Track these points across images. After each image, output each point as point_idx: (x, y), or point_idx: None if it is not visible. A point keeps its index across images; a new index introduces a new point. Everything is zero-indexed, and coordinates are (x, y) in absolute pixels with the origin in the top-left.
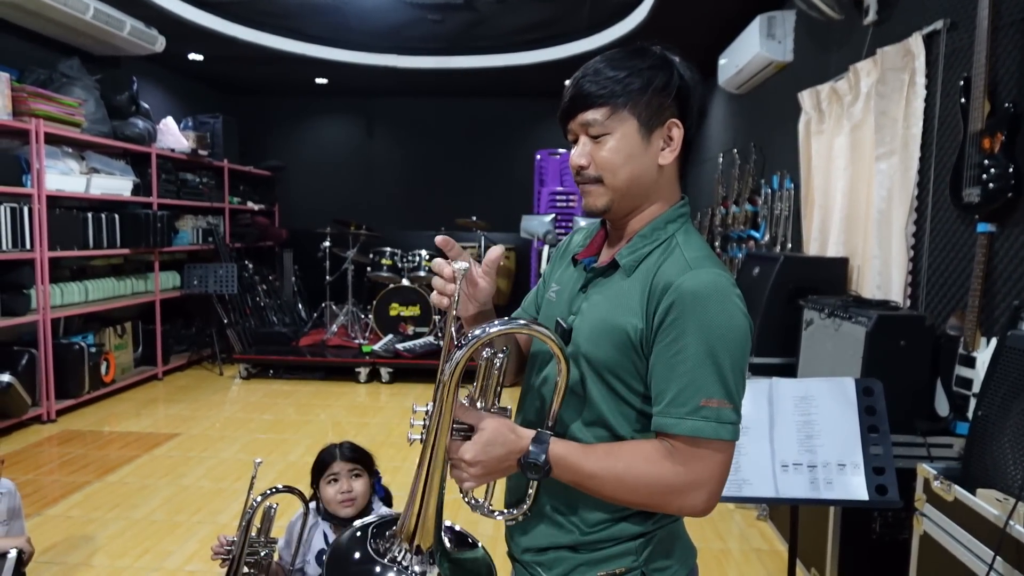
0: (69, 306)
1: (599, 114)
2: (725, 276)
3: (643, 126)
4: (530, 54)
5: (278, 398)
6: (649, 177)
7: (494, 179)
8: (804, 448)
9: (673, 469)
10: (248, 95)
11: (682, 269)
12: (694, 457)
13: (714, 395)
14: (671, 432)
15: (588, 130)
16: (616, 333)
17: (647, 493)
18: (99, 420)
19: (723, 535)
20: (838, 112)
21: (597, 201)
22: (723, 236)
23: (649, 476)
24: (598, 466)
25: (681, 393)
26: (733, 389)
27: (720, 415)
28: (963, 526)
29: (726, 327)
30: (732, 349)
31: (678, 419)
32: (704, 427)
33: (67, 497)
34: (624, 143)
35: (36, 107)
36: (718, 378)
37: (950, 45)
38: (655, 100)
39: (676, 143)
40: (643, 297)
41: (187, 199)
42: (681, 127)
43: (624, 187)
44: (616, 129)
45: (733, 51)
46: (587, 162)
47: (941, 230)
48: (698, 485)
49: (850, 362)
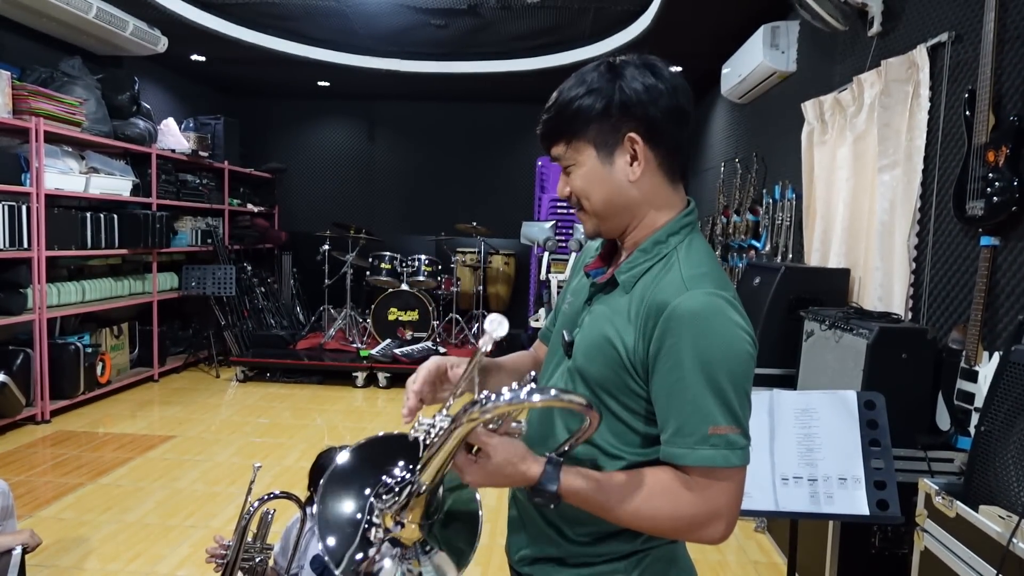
0: (66, 306)
1: (560, 149)
2: (722, 295)
3: (600, 150)
4: (533, 60)
5: (274, 401)
6: (624, 196)
7: (495, 185)
8: (805, 461)
9: (692, 501)
10: (250, 97)
11: (678, 289)
12: (709, 487)
13: (721, 422)
14: (681, 463)
15: (560, 163)
16: (607, 350)
17: (669, 527)
18: (94, 421)
19: (720, 547)
20: (841, 123)
21: (587, 226)
22: (724, 246)
23: (669, 510)
24: (613, 498)
25: (687, 422)
26: (739, 413)
27: (730, 441)
28: (965, 543)
29: (725, 350)
30: (733, 372)
31: (687, 449)
32: (715, 456)
33: (60, 499)
34: (587, 170)
35: (36, 106)
36: (722, 403)
37: (955, 57)
38: (602, 124)
39: (642, 156)
40: (637, 315)
41: (187, 200)
42: (640, 140)
43: (602, 210)
44: (577, 159)
45: (736, 61)
46: (567, 193)
47: (944, 243)
48: (717, 515)
49: (851, 374)
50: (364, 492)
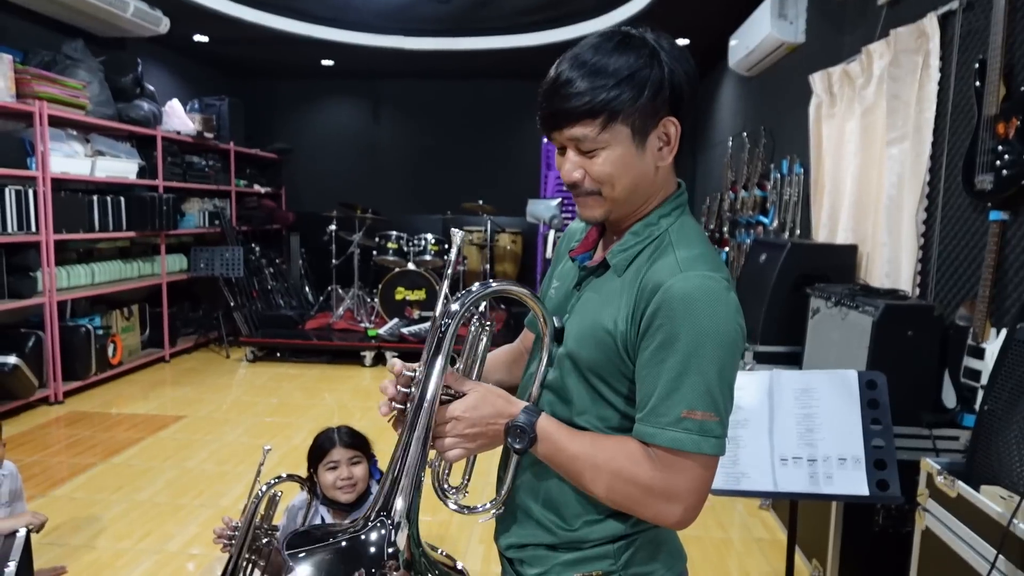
0: (75, 288)
1: (589, 129)
2: (717, 278)
3: (637, 133)
4: (537, 35)
5: (283, 381)
6: (647, 181)
7: (501, 162)
8: (804, 442)
9: (651, 473)
10: (254, 77)
11: (672, 271)
12: (673, 468)
13: (698, 406)
14: (650, 442)
15: (578, 145)
16: (601, 335)
17: (623, 492)
18: (106, 402)
19: (724, 525)
20: (850, 95)
21: (594, 212)
22: (731, 221)
23: (628, 473)
24: (582, 450)
25: (663, 402)
26: (720, 401)
27: (704, 427)
28: (966, 523)
29: (714, 336)
30: (721, 358)
31: (658, 428)
32: (684, 439)
33: (72, 479)
34: (618, 154)
35: (40, 89)
36: (704, 389)
37: (966, 26)
38: (648, 105)
39: (674, 141)
40: (630, 297)
41: (193, 182)
42: (677, 124)
43: (623, 197)
44: (609, 143)
45: (744, 32)
46: (581, 176)
47: (952, 217)
48: (673, 497)
49: (856, 352)
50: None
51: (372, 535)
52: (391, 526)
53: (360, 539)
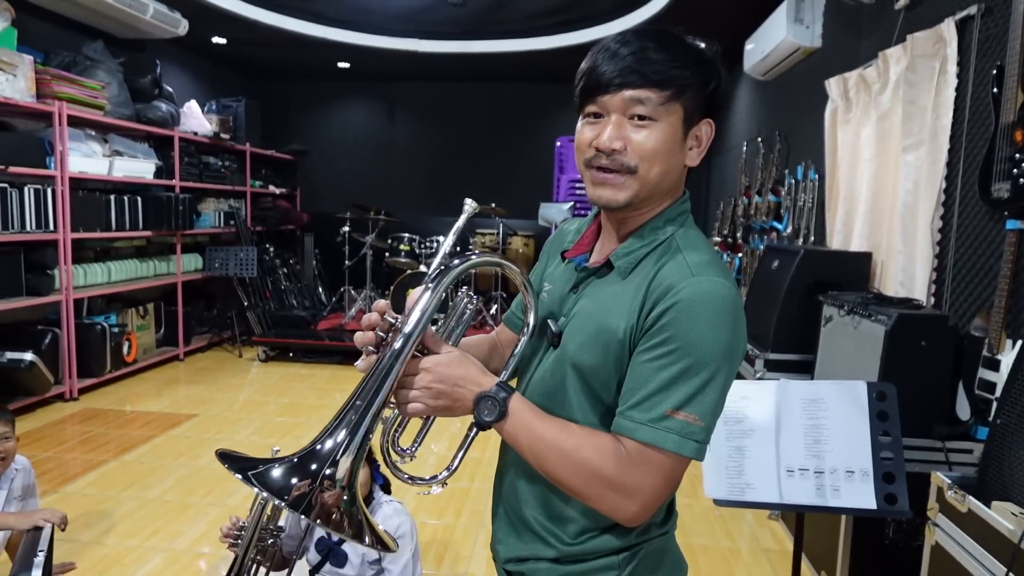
0: (92, 287)
1: (655, 96)
2: (727, 285)
3: (686, 121)
4: (552, 38)
5: (295, 381)
6: (675, 176)
7: (514, 165)
8: (811, 453)
9: (617, 467)
10: (271, 79)
11: (684, 274)
12: (643, 465)
13: (683, 407)
14: (630, 435)
15: (632, 109)
16: (606, 336)
17: (584, 480)
18: (120, 399)
19: (733, 534)
20: (866, 101)
21: (619, 194)
22: (745, 227)
23: (593, 463)
24: (550, 433)
25: (650, 398)
26: (708, 408)
27: (686, 429)
28: (976, 539)
29: (715, 343)
30: (718, 367)
31: (637, 424)
32: (664, 438)
33: (85, 475)
34: (668, 134)
35: (60, 90)
36: (695, 391)
37: (984, 32)
38: (703, 99)
39: (704, 143)
40: (638, 298)
41: (209, 182)
42: (712, 127)
43: (654, 182)
44: (664, 118)
45: (760, 36)
46: (623, 145)
47: (968, 226)
48: (634, 493)
49: (869, 361)
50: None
51: (311, 460)
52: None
53: (296, 461)
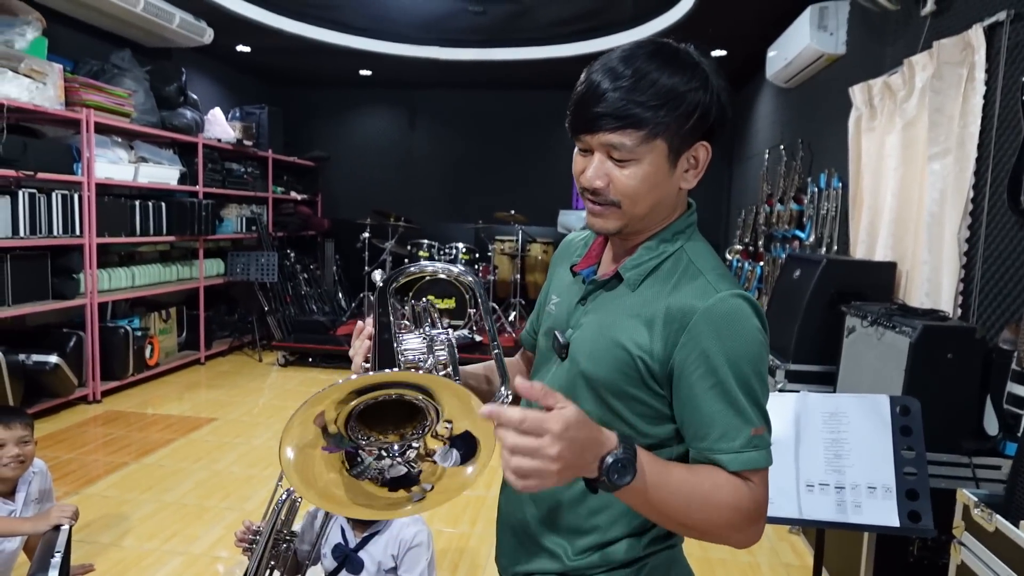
0: (116, 291)
1: (628, 139)
2: (745, 296)
3: (672, 153)
4: (573, 46)
5: (314, 386)
6: (668, 201)
7: (534, 172)
8: (832, 468)
9: (752, 497)
10: (294, 87)
11: (703, 292)
12: (754, 487)
13: (758, 421)
14: (729, 468)
15: (610, 152)
16: (618, 353)
17: (724, 521)
18: (142, 402)
19: (752, 548)
20: (891, 108)
21: (608, 225)
22: (767, 235)
23: (730, 502)
24: (684, 480)
25: (732, 426)
26: (766, 412)
27: (763, 441)
28: (1004, 560)
29: (751, 353)
30: (760, 373)
31: (734, 453)
32: (759, 457)
33: (106, 476)
34: (650, 171)
35: (87, 97)
36: (755, 405)
37: (1013, 38)
38: (691, 127)
39: (702, 165)
40: (657, 318)
41: (232, 188)
42: (709, 149)
43: (643, 214)
44: (645, 156)
45: (782, 43)
46: (605, 184)
47: (997, 236)
48: (761, 515)
49: (893, 374)
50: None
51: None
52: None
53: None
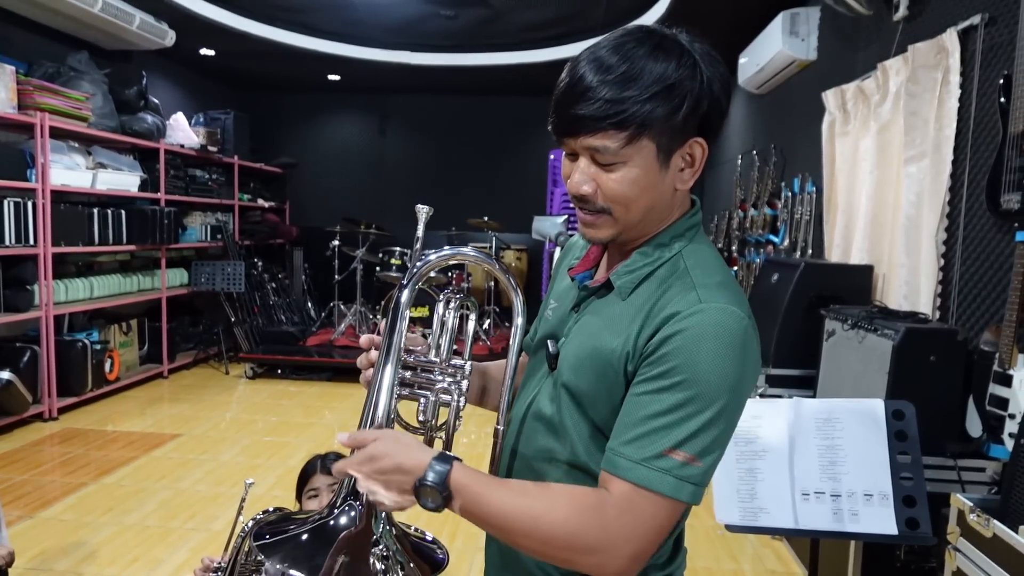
0: (73, 302)
1: (612, 141)
2: (738, 314)
3: (662, 151)
4: (545, 51)
5: (283, 399)
6: (663, 204)
7: (507, 179)
8: (827, 475)
9: (601, 523)
10: (260, 91)
11: (691, 300)
12: (630, 509)
13: (683, 447)
14: (621, 475)
15: (595, 156)
16: (599, 364)
17: (561, 546)
18: (102, 419)
19: (736, 555)
20: (864, 113)
21: (599, 233)
22: (740, 240)
23: (570, 522)
24: (510, 503)
25: (647, 435)
26: (710, 448)
27: (683, 471)
28: (1003, 566)
29: (723, 375)
30: (724, 401)
31: (633, 463)
32: (658, 480)
33: (62, 499)
34: (639, 173)
35: (42, 100)
36: (696, 429)
37: (988, 41)
38: (680, 122)
39: (698, 163)
40: (637, 321)
41: (196, 195)
42: (704, 145)
43: (636, 219)
44: (632, 158)
45: (754, 49)
46: (592, 191)
47: (975, 238)
48: (621, 546)
49: (875, 377)
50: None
51: (343, 519)
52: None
53: (333, 524)
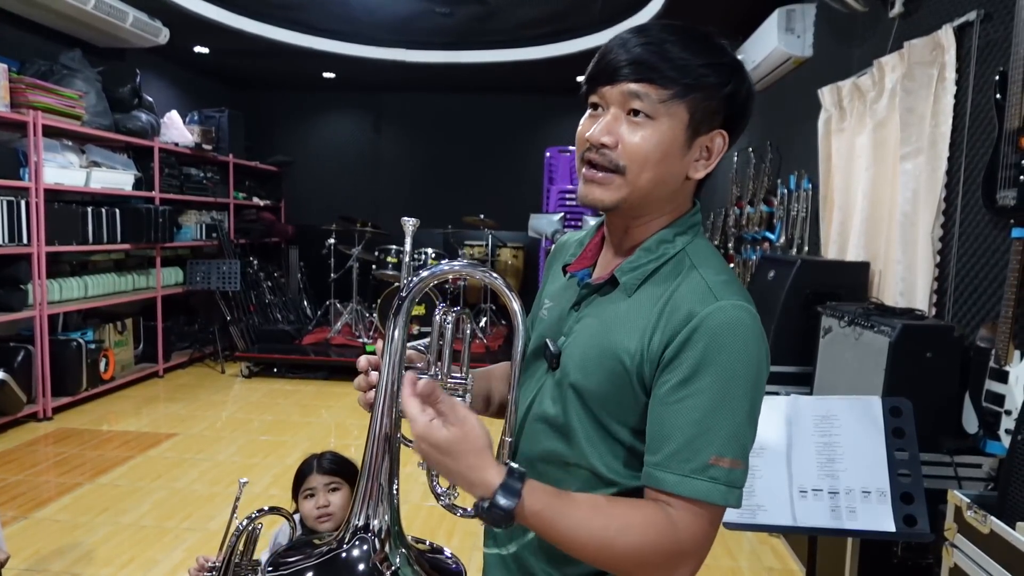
0: (68, 302)
1: (654, 92)
2: (751, 311)
3: (691, 127)
4: (541, 49)
5: (279, 398)
6: (673, 186)
7: (503, 176)
8: (825, 473)
9: (673, 537)
10: (255, 90)
11: (705, 297)
12: (695, 523)
13: (727, 452)
14: (671, 491)
15: (630, 103)
16: (610, 360)
17: (636, 562)
18: (97, 418)
19: (733, 552)
20: (860, 109)
21: (605, 195)
22: (737, 237)
23: (645, 544)
24: (584, 529)
25: (690, 445)
26: (747, 446)
27: (731, 477)
28: (1000, 562)
29: (745, 373)
30: (752, 398)
31: (682, 476)
32: (712, 491)
33: (57, 499)
34: (666, 137)
35: (35, 99)
36: (734, 432)
37: (983, 38)
38: (717, 104)
39: (714, 156)
40: (651, 322)
41: (191, 194)
42: (726, 139)
43: (645, 189)
44: (663, 117)
45: (750, 46)
46: (613, 141)
47: (971, 234)
48: (691, 554)
49: (871, 374)
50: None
51: (356, 552)
52: (373, 540)
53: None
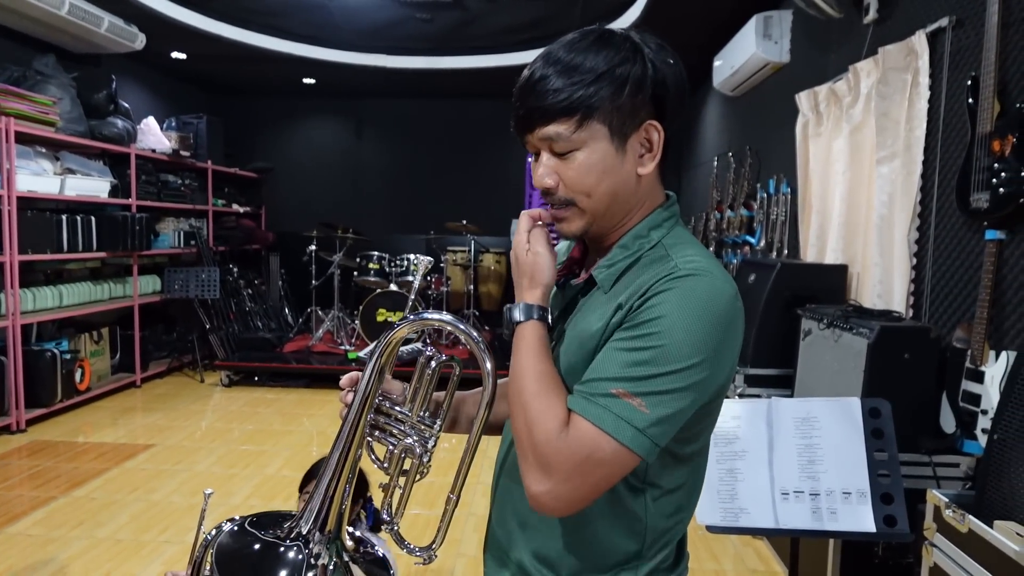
0: (42, 311)
1: (563, 127)
2: (724, 280)
3: (616, 135)
4: (522, 54)
5: (260, 406)
6: (628, 190)
7: (485, 182)
8: (806, 474)
9: (552, 440)
10: (234, 95)
11: (672, 269)
12: (573, 441)
13: (637, 395)
14: (570, 408)
15: (552, 146)
16: (586, 349)
17: (525, 433)
18: (72, 430)
19: (717, 555)
20: (837, 114)
21: (571, 227)
22: (717, 242)
23: (535, 426)
24: (525, 376)
25: (601, 376)
26: (665, 402)
27: (627, 410)
28: (978, 560)
29: (697, 337)
30: (696, 364)
31: (578, 396)
32: (600, 414)
33: (30, 513)
34: (596, 158)
35: (7, 105)
36: (654, 383)
37: (956, 43)
38: (628, 103)
39: (656, 147)
40: (620, 299)
41: (168, 201)
42: (660, 129)
43: (602, 207)
44: (585, 143)
45: (728, 52)
46: (555, 183)
47: (946, 237)
48: (554, 469)
49: (851, 375)
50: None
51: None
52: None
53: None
